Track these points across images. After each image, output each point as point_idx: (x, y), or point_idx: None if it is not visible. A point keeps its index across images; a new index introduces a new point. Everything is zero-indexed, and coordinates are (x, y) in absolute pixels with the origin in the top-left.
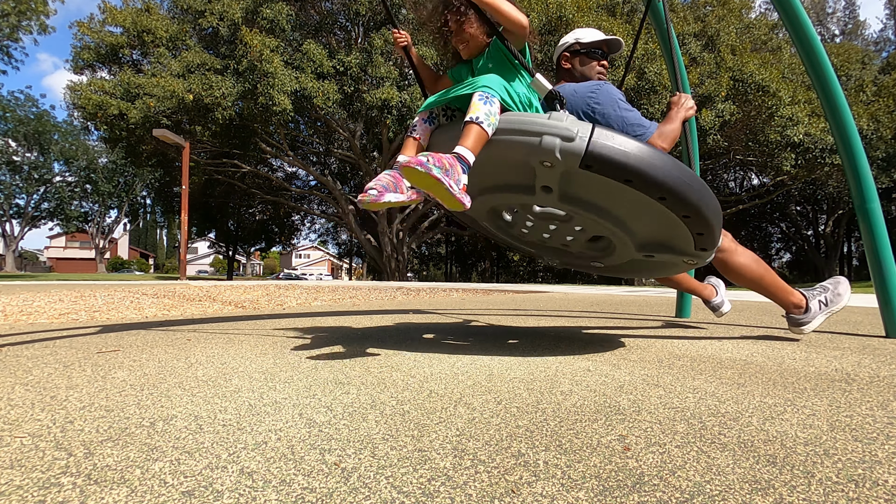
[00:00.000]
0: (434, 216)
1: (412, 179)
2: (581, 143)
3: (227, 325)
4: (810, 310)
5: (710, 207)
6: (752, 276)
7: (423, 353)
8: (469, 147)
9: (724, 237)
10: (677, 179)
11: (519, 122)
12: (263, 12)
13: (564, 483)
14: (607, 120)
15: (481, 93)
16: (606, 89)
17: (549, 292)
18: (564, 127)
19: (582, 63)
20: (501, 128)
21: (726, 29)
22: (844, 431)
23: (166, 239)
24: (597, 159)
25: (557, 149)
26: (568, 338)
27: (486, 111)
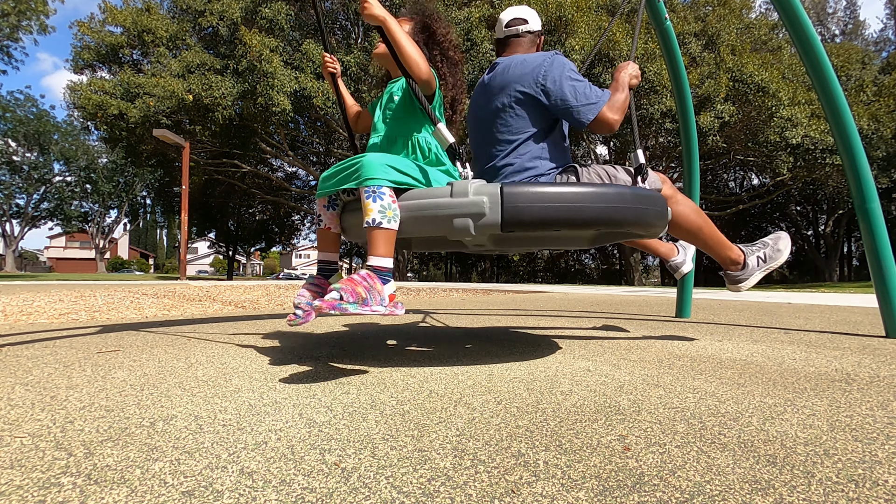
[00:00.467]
0: None
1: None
2: (494, 215)
3: (227, 325)
4: (748, 266)
5: (649, 213)
6: (689, 227)
7: (422, 353)
8: (381, 254)
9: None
10: (605, 210)
11: (422, 209)
12: (263, 12)
13: (564, 483)
14: (563, 91)
15: (366, 189)
16: (558, 60)
17: (549, 292)
18: (471, 203)
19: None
20: (406, 216)
21: (727, 29)
22: (844, 431)
23: (166, 239)
24: (516, 224)
25: (471, 227)
26: (568, 338)
27: (380, 208)
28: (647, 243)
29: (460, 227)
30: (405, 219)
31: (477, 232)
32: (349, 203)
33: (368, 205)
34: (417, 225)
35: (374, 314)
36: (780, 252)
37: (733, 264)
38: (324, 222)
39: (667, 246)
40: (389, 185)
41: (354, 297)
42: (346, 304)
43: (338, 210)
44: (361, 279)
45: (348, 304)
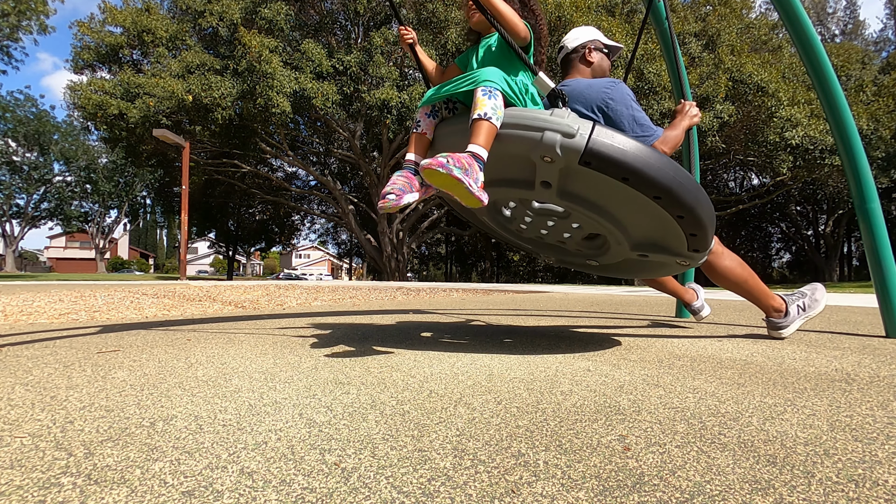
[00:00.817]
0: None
1: (433, 180)
2: (581, 139)
3: (227, 325)
4: (789, 314)
5: (703, 209)
6: (736, 280)
7: (423, 353)
8: (482, 144)
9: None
10: (673, 180)
11: (521, 118)
12: (262, 12)
13: (564, 483)
14: (619, 117)
15: (484, 87)
16: (621, 88)
17: (549, 292)
18: (566, 123)
19: (602, 61)
20: (504, 122)
21: (727, 29)
22: (844, 431)
23: (166, 239)
24: (596, 156)
25: (558, 144)
26: (568, 338)
27: (492, 105)
28: (675, 288)
29: (549, 141)
30: (504, 123)
31: (561, 151)
32: (448, 119)
33: (483, 101)
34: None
35: (469, 188)
36: (817, 302)
37: (776, 312)
38: (421, 127)
39: (689, 292)
40: (503, 89)
41: (459, 164)
42: (453, 167)
43: (437, 120)
44: (465, 157)
45: (454, 168)
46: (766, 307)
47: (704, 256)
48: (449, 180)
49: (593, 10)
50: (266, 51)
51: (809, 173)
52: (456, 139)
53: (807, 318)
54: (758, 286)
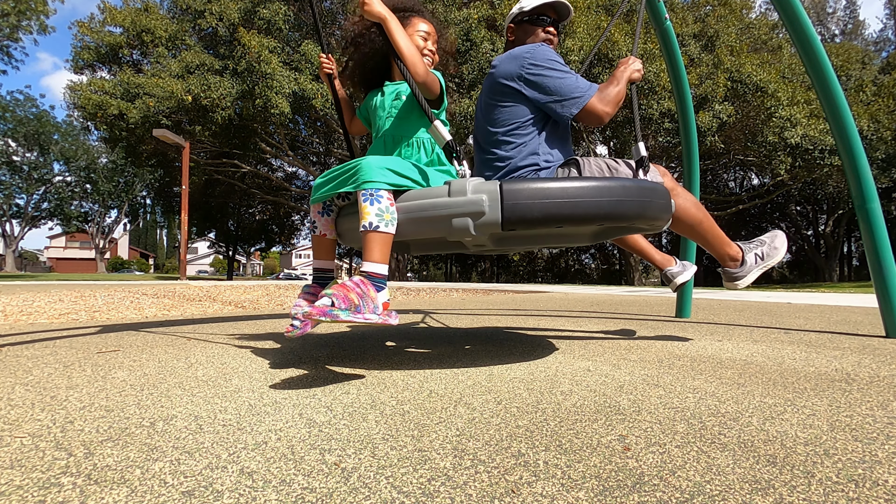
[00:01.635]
0: None
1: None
2: (494, 214)
3: (227, 325)
4: (746, 262)
5: (654, 205)
6: (689, 220)
7: (423, 353)
8: (376, 259)
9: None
10: (609, 204)
11: (421, 209)
12: (261, 13)
13: (564, 483)
14: (544, 82)
15: (364, 192)
16: (541, 51)
17: (549, 292)
18: (469, 202)
19: (525, 32)
20: (403, 218)
21: (726, 29)
22: (844, 431)
23: (166, 239)
24: (517, 222)
25: (471, 227)
26: (568, 338)
27: (377, 211)
28: (644, 248)
29: (459, 227)
30: (403, 220)
31: (477, 231)
32: (344, 208)
33: (365, 208)
34: (416, 226)
35: (367, 322)
36: (776, 250)
37: (731, 261)
38: (319, 229)
39: (663, 255)
40: (387, 187)
41: (347, 303)
42: (338, 310)
43: (333, 216)
44: (354, 285)
45: (340, 311)
46: (722, 255)
47: (668, 220)
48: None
49: (593, 9)
50: (265, 51)
51: (809, 173)
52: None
53: (765, 267)
54: (713, 230)
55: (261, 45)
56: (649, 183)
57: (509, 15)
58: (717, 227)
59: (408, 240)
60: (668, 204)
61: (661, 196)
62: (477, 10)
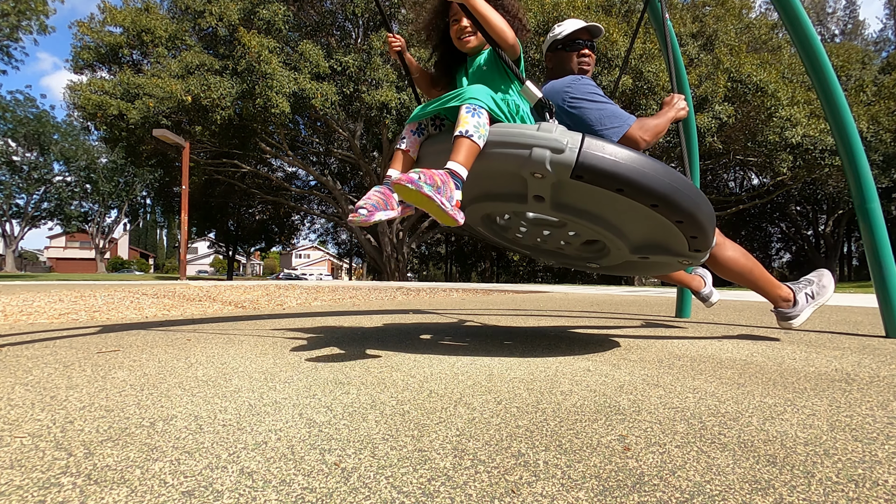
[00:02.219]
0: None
1: (404, 196)
2: (571, 154)
3: (227, 325)
4: (798, 303)
5: (703, 212)
6: (740, 270)
7: (423, 353)
8: (461, 161)
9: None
10: (669, 187)
11: (508, 135)
12: (260, 13)
13: (564, 483)
14: (585, 114)
15: (469, 105)
16: (581, 83)
17: (549, 292)
18: (553, 138)
19: (562, 59)
20: (491, 140)
21: (724, 29)
22: (844, 431)
23: (166, 239)
24: (587, 170)
25: (547, 161)
26: (568, 338)
27: (475, 123)
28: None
29: (538, 158)
30: (490, 142)
31: (551, 168)
32: (434, 136)
33: (466, 118)
34: (501, 149)
35: (442, 207)
36: (825, 288)
37: (784, 301)
38: (405, 144)
39: (697, 279)
40: (488, 107)
41: (431, 181)
42: (423, 183)
43: (422, 138)
44: (439, 174)
45: (425, 185)
46: (774, 297)
47: (706, 255)
48: (419, 197)
49: (592, 9)
50: (265, 51)
51: (809, 173)
52: (441, 157)
53: (816, 306)
54: (763, 276)
55: (260, 45)
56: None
57: (545, 43)
58: (767, 273)
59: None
60: (713, 220)
61: (709, 209)
62: None
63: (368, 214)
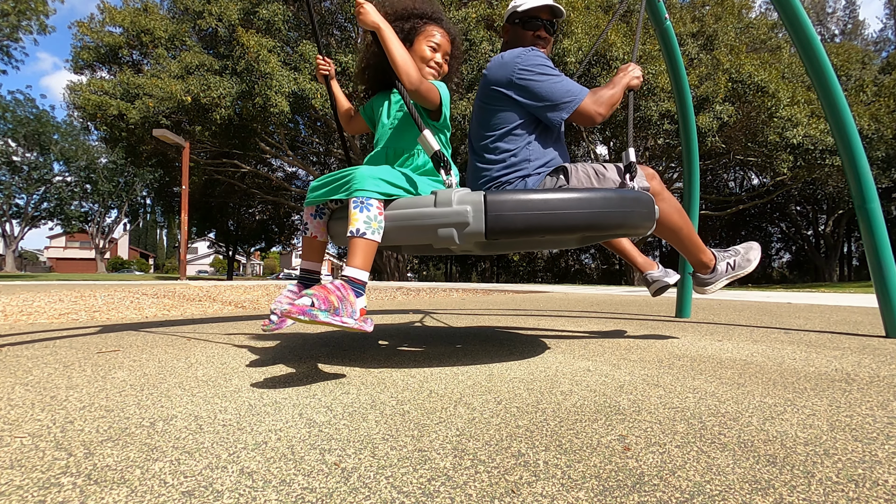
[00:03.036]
0: None
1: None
2: (477, 224)
3: (228, 325)
4: (717, 270)
5: (635, 215)
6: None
7: (422, 353)
8: (359, 266)
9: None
10: (590, 216)
11: (408, 218)
12: (260, 13)
13: (564, 483)
14: (533, 87)
15: (355, 199)
16: (531, 56)
17: (549, 292)
18: (454, 213)
19: (517, 34)
20: (391, 226)
21: (724, 29)
22: (844, 431)
23: (166, 239)
24: (500, 232)
25: (455, 236)
26: (568, 338)
27: (365, 219)
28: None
29: (444, 236)
30: (390, 228)
31: (461, 241)
32: (336, 211)
33: (355, 215)
34: (403, 234)
35: (344, 326)
36: (749, 262)
37: (704, 267)
38: (310, 231)
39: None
40: (378, 197)
41: (326, 304)
42: (318, 311)
43: (325, 219)
44: (335, 288)
45: (319, 312)
46: (696, 261)
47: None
48: (318, 324)
49: (592, 9)
50: (265, 51)
51: (809, 173)
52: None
53: (733, 277)
54: (691, 236)
55: (260, 44)
56: (632, 193)
57: (505, 13)
58: (696, 234)
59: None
60: (650, 213)
61: (644, 206)
62: (475, 9)
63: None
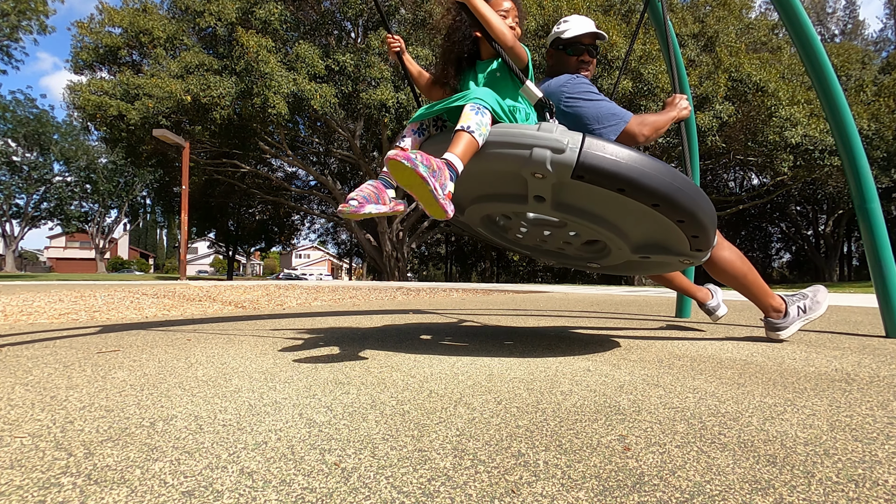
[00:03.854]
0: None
1: (397, 175)
2: (572, 154)
3: (227, 325)
4: (789, 315)
5: (704, 212)
6: (734, 272)
7: (423, 353)
8: (458, 154)
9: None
10: (670, 186)
11: (509, 135)
12: (257, 13)
13: (564, 483)
14: (581, 112)
15: (473, 104)
16: (577, 81)
17: (549, 292)
18: (554, 138)
19: (561, 59)
20: (492, 140)
21: (725, 29)
22: (844, 431)
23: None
24: (588, 170)
25: (548, 161)
26: (568, 338)
27: (478, 121)
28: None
29: (538, 158)
30: (491, 142)
31: (552, 167)
32: (435, 136)
33: (469, 114)
34: (501, 149)
35: (434, 192)
36: (818, 304)
37: (775, 312)
38: (405, 142)
39: (703, 290)
40: (493, 108)
41: (427, 163)
42: (419, 163)
43: (423, 137)
44: (437, 160)
45: (420, 164)
46: (766, 306)
47: (707, 254)
48: (413, 178)
49: (593, 9)
50: (264, 51)
51: (809, 173)
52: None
53: (807, 321)
54: (757, 282)
55: (259, 44)
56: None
57: (549, 38)
58: (761, 280)
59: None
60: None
61: (711, 208)
62: None
63: (358, 206)
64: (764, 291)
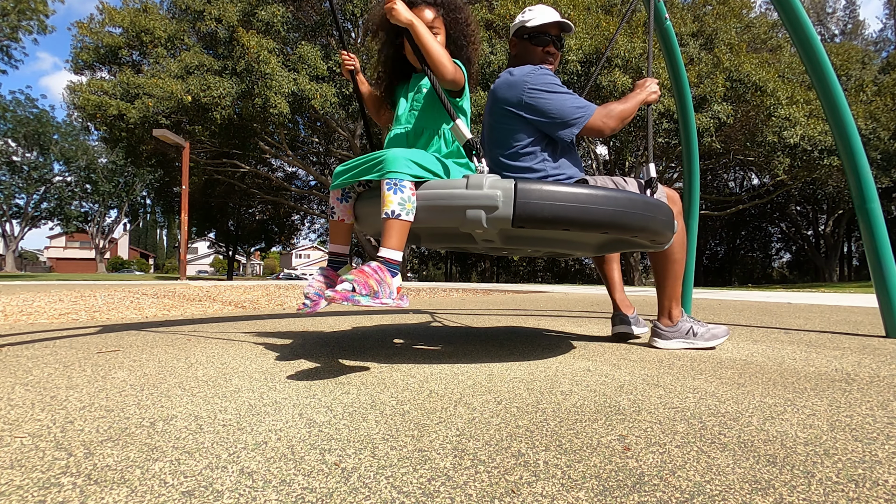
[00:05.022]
0: None
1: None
2: (506, 209)
3: (227, 325)
4: (678, 328)
5: (657, 221)
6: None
7: (422, 352)
8: (393, 246)
9: (675, 205)
10: (614, 213)
11: (438, 198)
12: (259, 14)
13: (564, 483)
14: (544, 105)
15: (388, 181)
16: (539, 74)
17: (549, 292)
18: (485, 196)
19: (526, 49)
20: (422, 205)
21: (724, 28)
22: (844, 431)
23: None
24: (527, 220)
25: (483, 220)
26: (568, 338)
27: (399, 200)
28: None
29: (472, 218)
30: (421, 208)
31: (489, 224)
32: (363, 194)
33: (389, 196)
34: (432, 214)
35: (384, 307)
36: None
37: (668, 318)
38: (337, 214)
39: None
40: (411, 178)
41: (367, 289)
42: (359, 296)
43: (351, 202)
44: (373, 271)
45: (361, 297)
46: (665, 308)
47: (671, 240)
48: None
49: (593, 10)
50: (264, 52)
51: (809, 173)
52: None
53: (690, 345)
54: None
55: (259, 45)
56: (655, 200)
57: (512, 26)
58: (681, 281)
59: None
60: (671, 222)
61: (665, 214)
62: (475, 11)
63: (312, 306)
64: (675, 292)
